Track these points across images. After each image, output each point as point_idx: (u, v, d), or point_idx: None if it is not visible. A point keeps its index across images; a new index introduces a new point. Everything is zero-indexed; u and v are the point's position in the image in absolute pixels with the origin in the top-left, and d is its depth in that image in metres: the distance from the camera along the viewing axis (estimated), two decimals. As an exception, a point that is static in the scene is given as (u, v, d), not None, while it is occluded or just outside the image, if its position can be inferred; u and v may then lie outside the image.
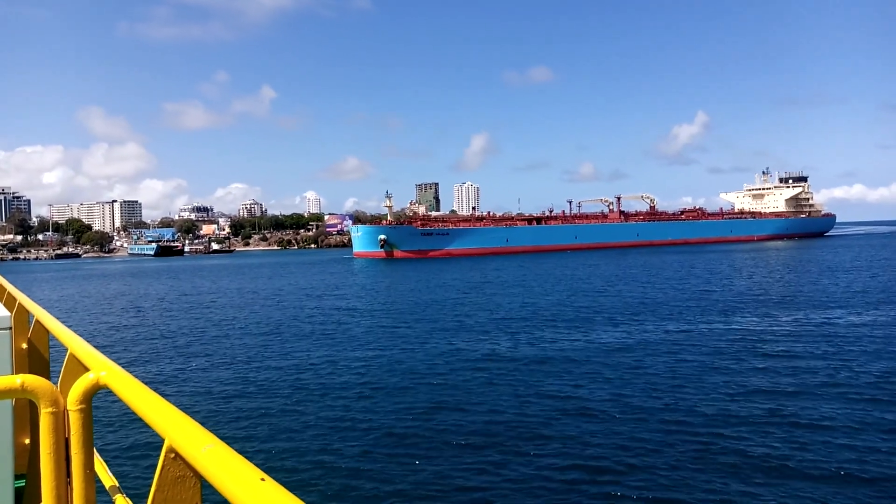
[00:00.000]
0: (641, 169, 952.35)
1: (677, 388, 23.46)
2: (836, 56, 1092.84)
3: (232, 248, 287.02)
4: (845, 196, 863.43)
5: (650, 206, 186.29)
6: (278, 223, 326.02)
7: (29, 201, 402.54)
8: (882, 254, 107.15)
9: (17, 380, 2.74)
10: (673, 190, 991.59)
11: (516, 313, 45.11)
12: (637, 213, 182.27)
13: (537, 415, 20.74)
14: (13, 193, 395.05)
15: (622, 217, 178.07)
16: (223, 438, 2.02)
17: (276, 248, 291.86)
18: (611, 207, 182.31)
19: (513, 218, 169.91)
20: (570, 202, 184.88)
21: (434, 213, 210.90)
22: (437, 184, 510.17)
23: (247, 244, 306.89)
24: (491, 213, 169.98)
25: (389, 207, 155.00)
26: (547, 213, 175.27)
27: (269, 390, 24.98)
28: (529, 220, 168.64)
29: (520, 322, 40.84)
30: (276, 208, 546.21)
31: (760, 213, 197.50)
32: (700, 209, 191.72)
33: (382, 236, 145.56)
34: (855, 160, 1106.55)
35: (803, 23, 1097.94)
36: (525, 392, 23.45)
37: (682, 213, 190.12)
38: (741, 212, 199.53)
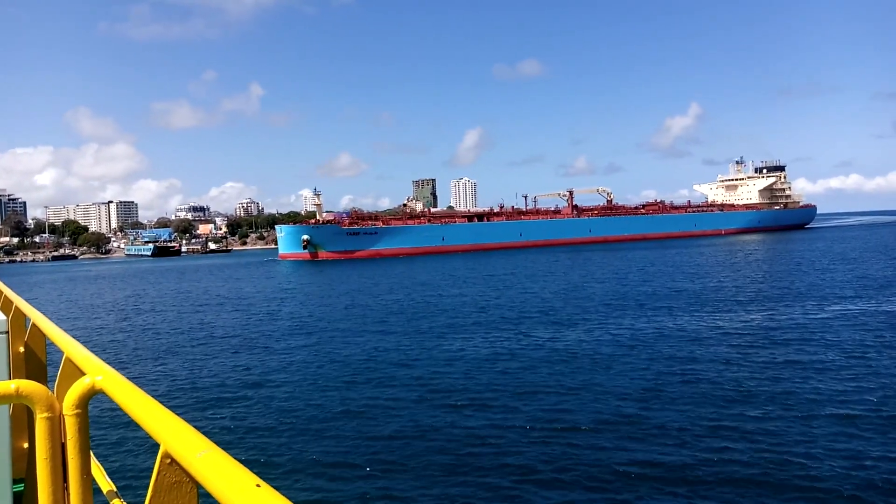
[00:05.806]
0: (636, 162, 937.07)
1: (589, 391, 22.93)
2: (828, 46, 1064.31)
3: (229, 248, 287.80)
4: (842, 186, 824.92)
5: (607, 200, 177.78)
6: (275, 222, 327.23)
7: (24, 203, 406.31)
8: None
9: (12, 385, 2.71)
10: (669, 182, 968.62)
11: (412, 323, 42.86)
12: (593, 208, 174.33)
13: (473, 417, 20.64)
14: (9, 196, 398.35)
15: (575, 212, 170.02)
16: (219, 443, 2.02)
17: (273, 246, 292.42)
18: (570, 202, 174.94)
19: (452, 216, 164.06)
20: (526, 197, 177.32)
21: (432, 209, 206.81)
22: (434, 180, 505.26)
23: (244, 243, 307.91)
24: (430, 210, 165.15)
25: (318, 206, 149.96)
26: (497, 210, 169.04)
27: (265, 395, 24.68)
28: (470, 216, 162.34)
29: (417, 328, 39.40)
30: (272, 207, 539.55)
31: (732, 205, 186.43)
32: (661, 202, 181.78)
33: (305, 237, 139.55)
34: (851, 150, 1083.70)
35: (796, 13, 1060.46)
36: (450, 404, 22.77)
37: (644, 206, 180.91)
38: (711, 204, 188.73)
